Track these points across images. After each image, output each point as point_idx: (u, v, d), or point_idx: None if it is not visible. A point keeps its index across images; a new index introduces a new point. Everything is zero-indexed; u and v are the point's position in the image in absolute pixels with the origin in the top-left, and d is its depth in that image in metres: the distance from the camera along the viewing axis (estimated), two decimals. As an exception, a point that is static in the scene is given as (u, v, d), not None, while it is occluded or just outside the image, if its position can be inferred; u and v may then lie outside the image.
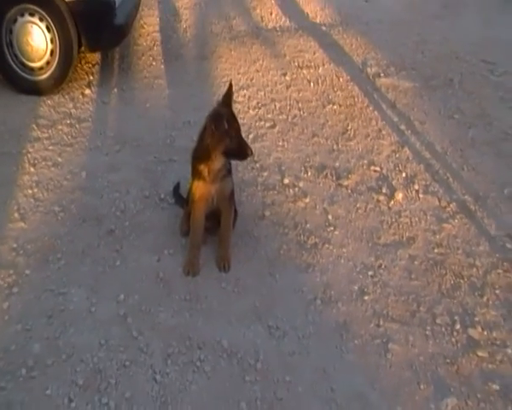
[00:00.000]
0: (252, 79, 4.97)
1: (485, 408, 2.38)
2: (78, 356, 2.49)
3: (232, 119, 2.72)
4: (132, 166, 3.75)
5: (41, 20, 4.34)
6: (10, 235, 3.12)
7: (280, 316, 2.75)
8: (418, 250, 3.22)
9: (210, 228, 3.09)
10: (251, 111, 4.49)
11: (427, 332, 2.71)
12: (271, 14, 6.64)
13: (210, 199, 2.90)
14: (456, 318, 2.79)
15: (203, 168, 2.81)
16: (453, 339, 2.69)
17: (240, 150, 2.75)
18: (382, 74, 5.27)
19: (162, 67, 5.25)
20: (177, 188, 3.47)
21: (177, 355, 2.52)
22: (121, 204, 3.40)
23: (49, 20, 4.33)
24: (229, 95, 2.77)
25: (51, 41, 4.41)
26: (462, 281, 3.01)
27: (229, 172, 2.92)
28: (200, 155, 2.81)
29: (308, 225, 3.33)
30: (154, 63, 5.30)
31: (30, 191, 3.46)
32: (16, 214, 3.27)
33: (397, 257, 3.16)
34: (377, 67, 5.41)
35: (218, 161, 2.78)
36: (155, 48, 5.62)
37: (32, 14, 4.33)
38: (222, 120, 2.65)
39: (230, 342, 2.60)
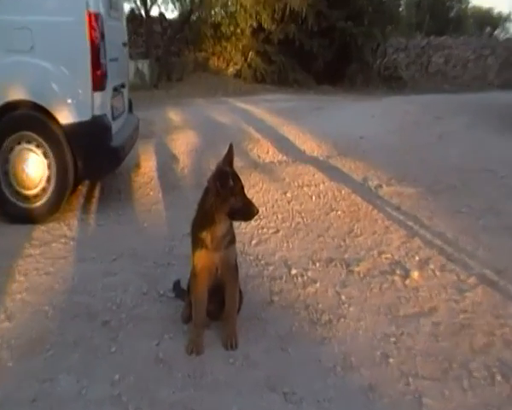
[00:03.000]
0: (252, 199, 5.14)
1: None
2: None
3: (236, 177, 2.71)
4: (129, 270, 3.75)
5: (37, 146, 4.57)
6: (-6, 335, 3.01)
7: (296, 383, 2.58)
8: (442, 317, 3.12)
9: (213, 312, 3.00)
10: (252, 222, 4.57)
11: (465, 386, 2.53)
12: (268, 152, 7.08)
13: (214, 269, 2.82)
14: (494, 370, 2.62)
15: (205, 235, 2.76)
16: (496, 390, 2.50)
17: (246, 209, 2.73)
18: (384, 185, 5.48)
19: (160, 195, 5.47)
20: (177, 283, 3.43)
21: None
22: (117, 300, 3.35)
23: (46, 146, 4.55)
24: (229, 155, 2.79)
25: (48, 167, 4.59)
26: (494, 338, 2.87)
27: (233, 238, 2.88)
28: (203, 220, 2.77)
29: (320, 306, 3.27)
30: (151, 193, 5.53)
31: (19, 296, 3.42)
32: (2, 316, 3.20)
33: (420, 325, 3.05)
34: (378, 180, 5.63)
35: (222, 225, 2.75)
36: (152, 182, 5.90)
37: (28, 142, 4.57)
38: (227, 177, 2.63)
39: (241, 411, 2.40)
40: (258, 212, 2.79)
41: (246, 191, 2.77)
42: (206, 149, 7.30)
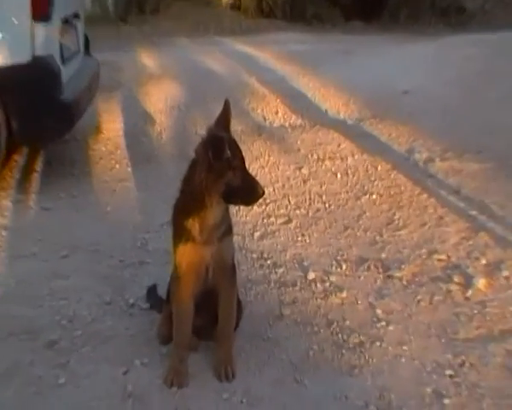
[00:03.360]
0: (255, 176, 5.14)
1: None
2: None
3: (234, 145, 2.69)
4: (86, 271, 3.78)
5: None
6: None
7: (315, 428, 2.57)
8: (519, 344, 3.10)
9: (202, 329, 3.00)
10: (256, 208, 4.59)
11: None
12: (277, 113, 7.09)
13: (203, 270, 2.81)
14: None
15: (192, 224, 2.74)
16: None
17: (247, 189, 2.70)
18: (437, 159, 5.48)
19: (129, 170, 5.50)
20: (153, 289, 3.45)
21: None
22: (69, 312, 3.37)
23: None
24: (225, 116, 2.76)
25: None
26: None
27: (229, 228, 2.88)
28: (189, 203, 2.74)
29: (348, 323, 3.29)
30: (117, 166, 5.55)
31: None
32: None
33: (488, 353, 3.05)
34: (429, 152, 5.65)
35: (215, 210, 2.72)
36: (119, 152, 5.92)
37: None
38: (223, 144, 2.60)
39: None
40: (263, 193, 2.76)
41: (246, 165, 2.77)
42: (192, 106, 7.31)
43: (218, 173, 2.61)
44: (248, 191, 2.72)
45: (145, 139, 6.17)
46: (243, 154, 2.72)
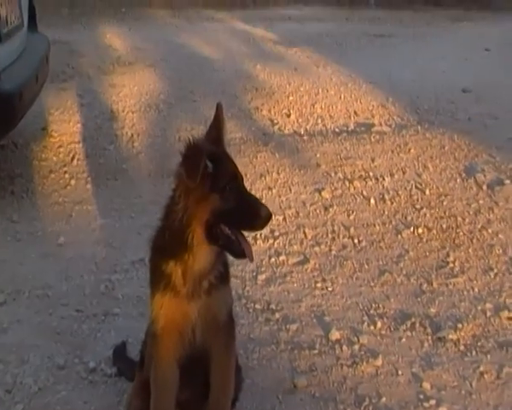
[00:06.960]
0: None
1: None
2: None
3: (224, 160, 2.70)
4: (31, 324, 3.79)
5: None
6: None
7: None
8: None
9: (188, 403, 2.99)
10: (260, 243, 4.60)
11: None
12: (289, 115, 7.12)
13: (189, 331, 2.80)
14: None
15: (174, 269, 2.73)
16: None
17: (245, 212, 2.64)
18: (508, 181, 5.50)
19: (89, 187, 5.52)
20: (121, 349, 3.49)
21: None
22: (7, 378, 3.37)
23: None
24: (217, 125, 2.79)
25: None
26: None
27: (225, 273, 2.85)
28: (169, 241, 2.73)
29: (384, 400, 3.29)
30: (72, 183, 5.56)
31: None
32: None
33: None
34: (497, 172, 5.70)
35: (203, 251, 2.70)
36: (75, 162, 5.92)
37: None
38: (199, 156, 2.57)
39: None
40: (270, 217, 2.67)
41: (248, 185, 2.75)
42: (175, 105, 7.37)
43: (199, 197, 2.59)
44: (246, 216, 2.65)
45: (111, 147, 6.16)
46: (239, 169, 2.68)
